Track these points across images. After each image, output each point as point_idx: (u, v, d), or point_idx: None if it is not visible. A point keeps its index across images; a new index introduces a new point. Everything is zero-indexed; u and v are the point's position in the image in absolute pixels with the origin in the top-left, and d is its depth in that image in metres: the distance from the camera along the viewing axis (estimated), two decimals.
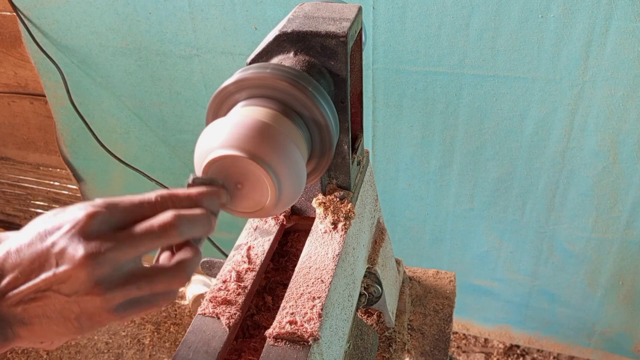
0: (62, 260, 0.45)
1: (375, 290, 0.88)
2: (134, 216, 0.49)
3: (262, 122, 0.55)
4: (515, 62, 1.34)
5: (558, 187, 1.52)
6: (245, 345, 0.67)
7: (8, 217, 2.48)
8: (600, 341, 1.84)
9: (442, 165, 1.58)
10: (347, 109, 0.67)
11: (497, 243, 1.71)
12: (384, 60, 1.43)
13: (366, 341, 0.79)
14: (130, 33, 1.61)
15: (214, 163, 0.54)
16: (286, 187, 0.55)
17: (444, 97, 1.44)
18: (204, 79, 1.64)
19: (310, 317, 0.60)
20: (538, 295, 1.80)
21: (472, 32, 1.32)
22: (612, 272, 1.65)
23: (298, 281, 0.64)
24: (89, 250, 0.45)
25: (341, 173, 0.73)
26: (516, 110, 1.41)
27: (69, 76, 1.75)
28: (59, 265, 0.45)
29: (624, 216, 1.51)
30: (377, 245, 0.89)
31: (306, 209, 0.77)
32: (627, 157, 1.40)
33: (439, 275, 1.18)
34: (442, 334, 1.07)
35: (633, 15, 1.20)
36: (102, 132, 1.82)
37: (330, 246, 0.69)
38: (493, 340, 2.02)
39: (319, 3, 0.70)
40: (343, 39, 0.61)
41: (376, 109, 1.53)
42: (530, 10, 1.25)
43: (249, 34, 1.50)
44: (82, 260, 0.44)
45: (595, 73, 1.30)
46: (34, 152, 2.18)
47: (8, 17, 1.78)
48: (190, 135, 1.78)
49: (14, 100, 2.04)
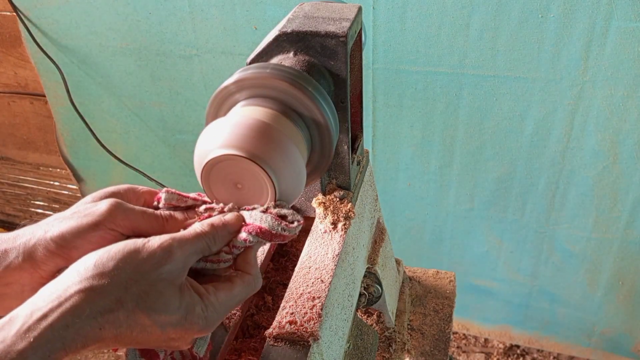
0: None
1: (375, 290, 0.88)
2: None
3: (262, 122, 0.55)
4: (515, 62, 1.34)
5: (558, 187, 1.52)
6: (245, 345, 0.67)
7: (8, 217, 2.48)
8: (600, 341, 1.84)
9: (442, 165, 1.58)
10: (347, 109, 0.67)
11: (497, 243, 1.71)
12: (384, 60, 1.43)
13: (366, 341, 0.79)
14: (130, 33, 1.61)
15: (214, 163, 0.54)
16: (286, 187, 0.55)
17: (444, 97, 1.44)
18: (204, 79, 1.64)
19: (310, 317, 0.60)
20: (538, 295, 1.80)
21: (472, 32, 1.32)
22: (612, 272, 1.65)
23: (298, 281, 0.64)
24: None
25: (341, 173, 0.73)
26: (516, 110, 1.41)
27: (69, 76, 1.75)
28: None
29: (624, 216, 1.51)
30: (377, 245, 0.89)
31: (306, 209, 0.77)
32: (627, 157, 1.40)
33: (439, 275, 1.18)
34: (442, 334, 1.07)
35: (633, 15, 1.20)
36: (102, 132, 1.82)
37: (330, 246, 0.69)
38: (493, 340, 2.02)
39: (319, 3, 0.70)
40: (343, 39, 0.61)
41: (376, 109, 1.53)
42: (530, 10, 1.25)
43: (249, 34, 1.50)
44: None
45: (595, 73, 1.30)
46: (34, 152, 2.18)
47: (8, 17, 1.78)
48: (190, 135, 1.78)
49: (14, 100, 2.04)
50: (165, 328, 0.47)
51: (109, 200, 0.53)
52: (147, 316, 0.45)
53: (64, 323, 0.42)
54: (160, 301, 0.46)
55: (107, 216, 0.51)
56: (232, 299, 0.52)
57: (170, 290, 0.47)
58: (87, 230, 0.50)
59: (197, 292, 0.49)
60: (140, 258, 0.46)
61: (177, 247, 0.48)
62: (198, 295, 0.49)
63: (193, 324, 0.48)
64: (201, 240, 0.51)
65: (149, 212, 0.55)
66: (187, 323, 0.48)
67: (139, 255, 0.46)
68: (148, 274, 0.46)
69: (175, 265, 0.48)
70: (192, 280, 0.50)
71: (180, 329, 0.47)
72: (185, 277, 0.49)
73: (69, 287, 0.44)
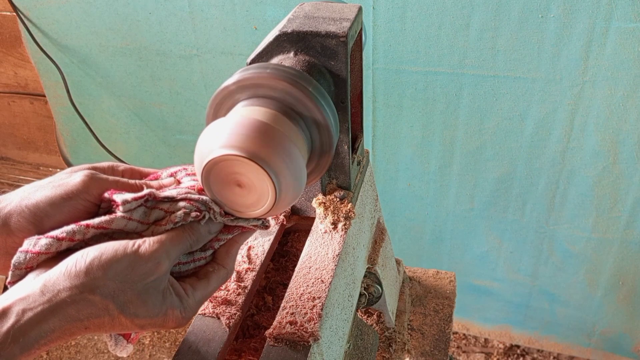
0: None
1: (375, 290, 0.88)
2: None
3: (262, 122, 0.55)
4: (515, 62, 1.34)
5: (558, 187, 1.52)
6: (245, 345, 0.67)
7: None
8: (600, 341, 1.84)
9: (442, 165, 1.58)
10: (347, 109, 0.67)
11: (497, 243, 1.71)
12: (384, 60, 1.43)
13: (366, 341, 0.79)
14: (130, 33, 1.61)
15: (214, 163, 0.54)
16: (286, 187, 0.55)
17: (444, 97, 1.44)
18: (204, 79, 1.64)
19: (310, 317, 0.60)
20: (538, 295, 1.80)
21: (472, 32, 1.32)
22: (612, 272, 1.65)
23: (298, 281, 0.64)
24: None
25: (341, 173, 0.73)
26: (516, 110, 1.41)
27: (69, 76, 1.75)
28: None
29: (624, 216, 1.51)
30: (377, 245, 0.89)
31: (306, 209, 0.77)
32: (627, 157, 1.40)
33: (439, 275, 1.18)
34: (442, 334, 1.07)
35: (633, 16, 1.20)
36: (102, 132, 1.82)
37: (330, 246, 0.69)
38: (493, 340, 2.02)
39: (319, 3, 0.70)
40: (343, 39, 0.61)
41: (376, 109, 1.53)
42: (530, 10, 1.25)
43: (249, 34, 1.50)
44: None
45: (595, 73, 1.30)
46: (34, 152, 2.18)
47: (8, 17, 1.78)
48: (190, 135, 1.78)
49: (14, 100, 2.04)
50: (144, 327, 0.50)
51: (83, 172, 0.54)
52: (130, 320, 0.48)
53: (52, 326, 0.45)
54: (144, 308, 0.49)
55: (80, 187, 0.52)
56: (207, 296, 0.55)
57: (154, 296, 0.49)
58: (60, 201, 0.51)
59: (177, 294, 0.52)
60: (129, 267, 0.48)
61: (165, 257, 0.50)
62: (178, 297, 0.52)
63: (170, 322, 0.51)
64: (186, 242, 0.53)
65: (123, 181, 0.56)
66: (165, 322, 0.51)
67: (128, 263, 0.48)
68: (135, 284, 0.48)
69: (162, 273, 0.50)
70: (173, 280, 0.52)
71: (158, 327, 0.51)
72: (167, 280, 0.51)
73: (60, 292, 0.46)
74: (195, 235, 0.54)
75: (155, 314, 0.49)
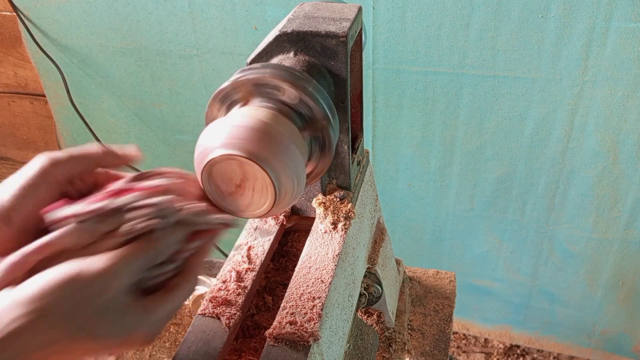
0: None
1: (375, 290, 0.88)
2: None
3: (262, 122, 0.55)
4: (515, 62, 1.34)
5: (558, 187, 1.52)
6: (245, 346, 0.67)
7: None
8: (600, 341, 1.84)
9: (442, 165, 1.58)
10: (347, 109, 0.67)
11: (497, 243, 1.71)
12: (384, 60, 1.43)
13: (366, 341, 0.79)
14: (130, 33, 1.61)
15: (214, 163, 0.54)
16: (286, 187, 0.55)
17: (444, 97, 1.44)
18: (204, 79, 1.64)
19: (310, 317, 0.60)
20: (538, 295, 1.80)
21: (472, 32, 1.32)
22: (612, 272, 1.65)
23: (298, 281, 0.64)
24: None
25: (341, 173, 0.73)
26: (516, 110, 1.41)
27: (69, 76, 1.75)
28: None
29: (624, 216, 1.51)
30: (377, 245, 0.89)
31: (306, 209, 0.77)
32: (627, 157, 1.40)
33: (439, 275, 1.18)
34: (442, 334, 1.07)
35: (633, 16, 1.20)
36: (102, 132, 1.82)
37: (330, 246, 0.69)
38: (493, 340, 2.02)
39: (319, 3, 0.70)
40: (343, 39, 0.61)
41: (376, 109, 1.53)
42: (530, 10, 1.25)
43: (249, 34, 1.50)
44: None
45: (595, 73, 1.30)
46: (34, 152, 2.18)
47: (8, 17, 1.78)
48: (190, 135, 1.78)
49: (14, 100, 2.04)
50: (110, 347, 0.47)
51: (39, 159, 0.51)
52: (90, 341, 0.46)
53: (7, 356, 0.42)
54: (103, 327, 0.46)
55: (39, 175, 0.50)
56: (174, 309, 0.52)
57: (114, 315, 0.47)
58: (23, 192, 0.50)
59: (142, 310, 0.49)
60: (84, 285, 0.45)
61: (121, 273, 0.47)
62: (142, 313, 0.49)
63: (134, 341, 0.48)
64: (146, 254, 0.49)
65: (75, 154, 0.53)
66: (128, 342, 0.48)
67: (82, 282, 0.45)
68: (91, 303, 0.45)
69: (120, 290, 0.47)
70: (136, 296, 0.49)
71: (122, 347, 0.48)
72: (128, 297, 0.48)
73: (13, 321, 0.43)
74: (157, 246, 0.50)
75: (118, 333, 0.46)
